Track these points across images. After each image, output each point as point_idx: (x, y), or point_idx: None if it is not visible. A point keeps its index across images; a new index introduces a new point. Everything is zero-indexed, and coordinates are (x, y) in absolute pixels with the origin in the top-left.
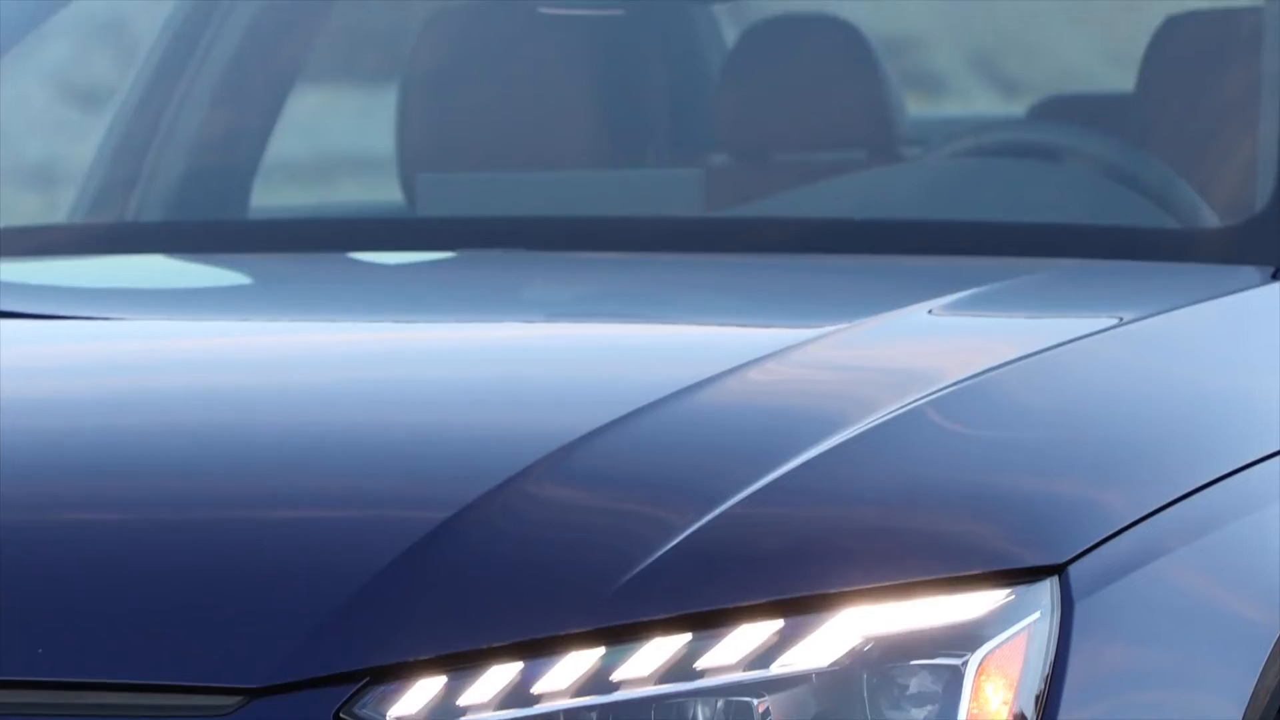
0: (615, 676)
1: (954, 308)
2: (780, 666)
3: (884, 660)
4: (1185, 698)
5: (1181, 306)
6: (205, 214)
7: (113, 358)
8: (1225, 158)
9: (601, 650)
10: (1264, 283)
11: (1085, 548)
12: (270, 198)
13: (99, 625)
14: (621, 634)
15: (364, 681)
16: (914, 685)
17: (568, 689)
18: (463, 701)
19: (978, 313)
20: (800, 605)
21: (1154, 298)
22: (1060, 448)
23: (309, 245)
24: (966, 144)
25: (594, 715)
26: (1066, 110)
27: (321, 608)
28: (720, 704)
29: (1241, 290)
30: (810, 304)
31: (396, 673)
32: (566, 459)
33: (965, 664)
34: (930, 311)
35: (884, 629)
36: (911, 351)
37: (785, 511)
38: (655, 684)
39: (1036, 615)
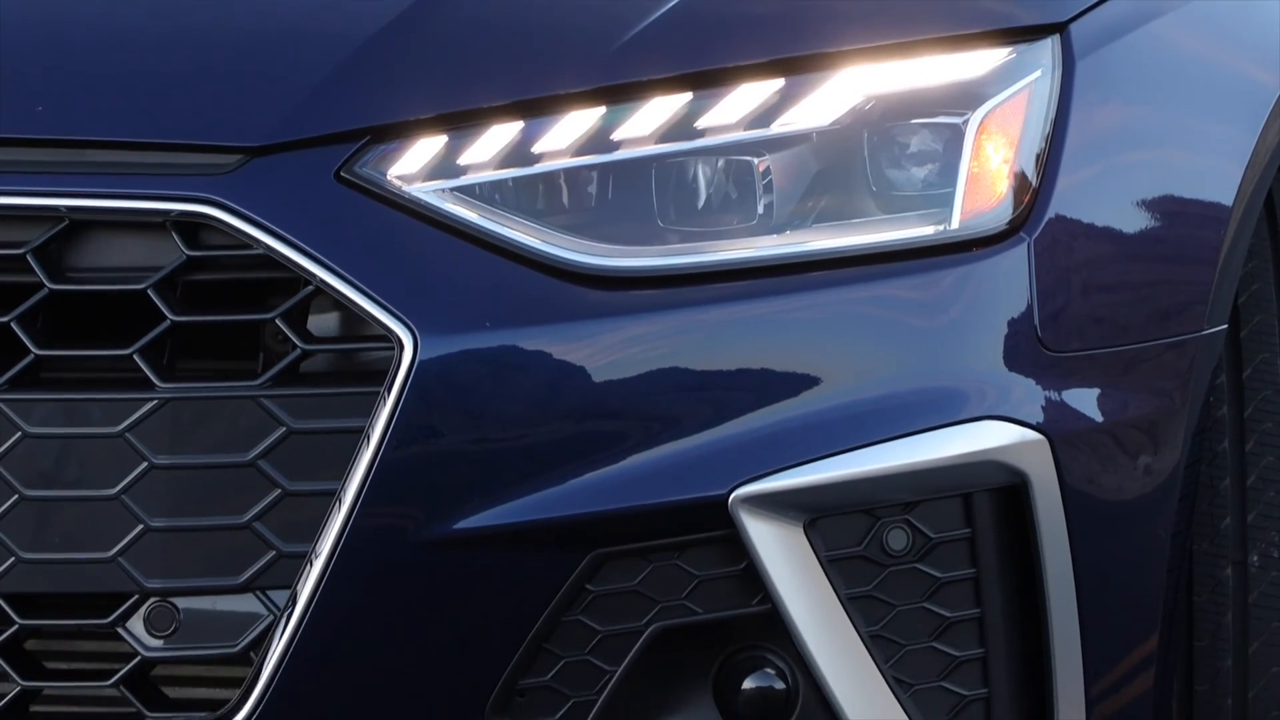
0: (615, 136)
1: None
2: (781, 125)
3: (885, 119)
4: (1186, 157)
5: None
6: None
7: None
8: None
9: (601, 110)
10: None
11: (1086, 6)
12: None
13: (99, 84)
14: (621, 93)
15: (364, 141)
16: (915, 144)
17: (568, 148)
18: (463, 161)
19: None
20: (800, 64)
21: None
22: None
23: None
24: None
25: (594, 174)
26: None
27: (320, 67)
28: (720, 163)
29: None
30: None
31: (396, 132)
32: None
33: (966, 123)
34: None
35: (885, 88)
36: None
37: None
38: (655, 143)
39: (1037, 74)
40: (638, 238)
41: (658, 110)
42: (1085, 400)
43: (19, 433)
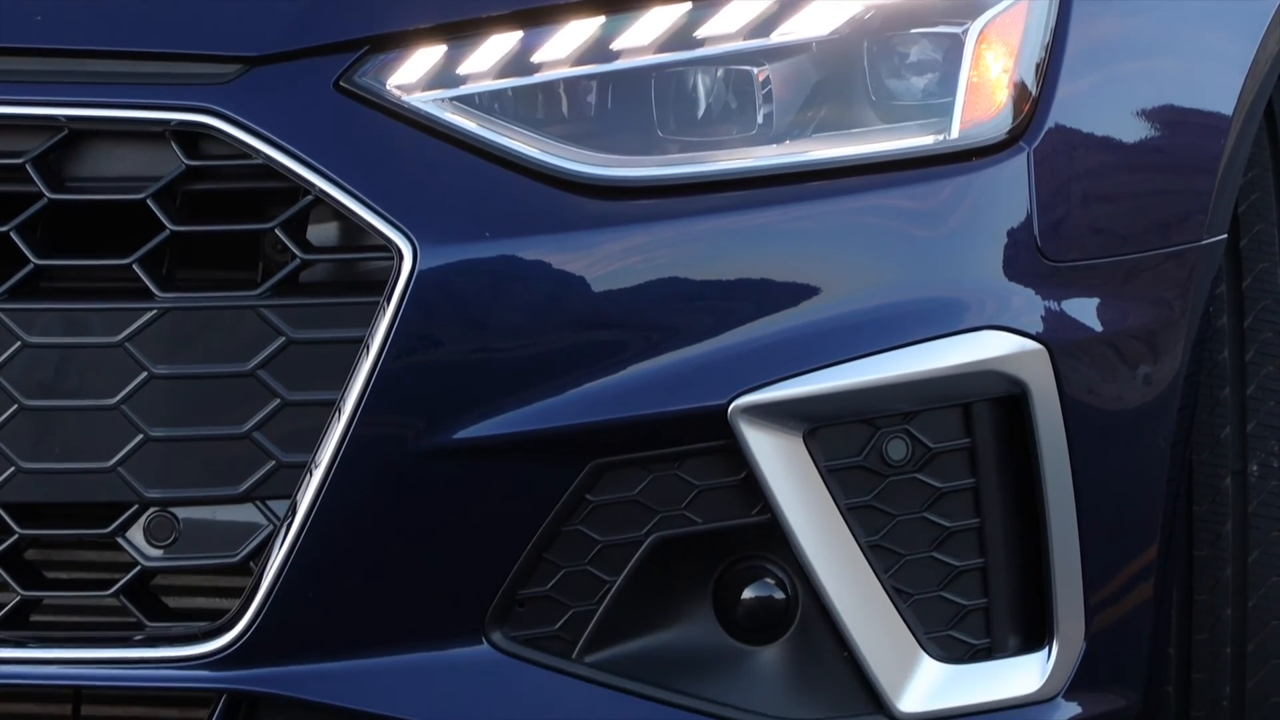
0: (615, 45)
1: None
2: (780, 35)
3: (884, 28)
4: (1185, 67)
5: None
6: None
7: None
8: None
9: (601, 19)
10: None
11: None
12: None
13: None
14: (620, 2)
15: (363, 50)
16: (914, 53)
17: (567, 58)
18: (462, 70)
19: None
20: None
21: None
22: None
23: None
24: None
25: (594, 84)
26: None
27: None
28: (720, 73)
29: None
30: None
31: (396, 41)
32: None
33: (966, 32)
34: None
35: None
36: None
37: None
38: (655, 53)
39: None
40: (637, 147)
41: (657, 20)
42: (1085, 310)
43: (19, 342)
